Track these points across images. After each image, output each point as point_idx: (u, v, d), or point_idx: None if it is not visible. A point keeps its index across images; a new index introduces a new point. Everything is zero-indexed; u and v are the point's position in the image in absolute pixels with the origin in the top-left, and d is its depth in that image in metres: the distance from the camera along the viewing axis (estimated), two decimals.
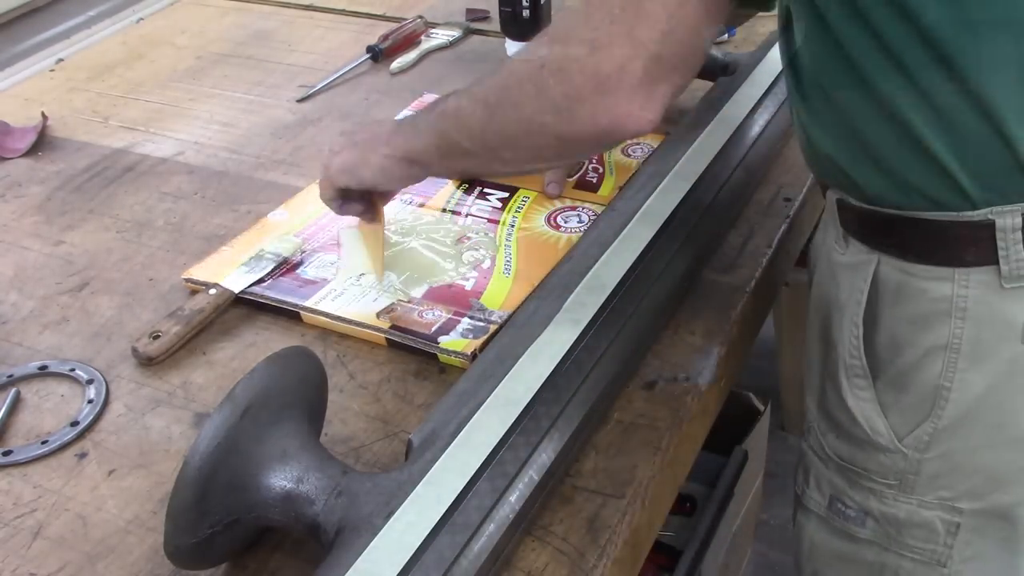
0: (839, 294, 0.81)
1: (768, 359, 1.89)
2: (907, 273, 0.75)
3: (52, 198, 1.14)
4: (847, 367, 0.81)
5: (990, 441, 0.77)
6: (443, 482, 0.67)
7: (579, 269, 0.88)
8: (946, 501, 0.80)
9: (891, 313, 0.77)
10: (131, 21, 1.60)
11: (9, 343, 0.92)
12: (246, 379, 0.66)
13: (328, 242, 1.00)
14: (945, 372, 0.75)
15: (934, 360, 0.75)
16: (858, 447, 0.82)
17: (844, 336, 0.80)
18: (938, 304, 0.74)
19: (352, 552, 0.63)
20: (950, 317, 0.74)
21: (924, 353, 0.76)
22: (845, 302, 0.80)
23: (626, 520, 0.71)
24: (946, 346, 0.74)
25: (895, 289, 0.76)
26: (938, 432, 0.77)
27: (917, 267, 0.74)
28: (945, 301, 0.73)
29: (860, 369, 0.80)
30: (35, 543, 0.73)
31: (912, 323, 0.76)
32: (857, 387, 0.80)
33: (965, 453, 0.78)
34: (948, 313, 0.74)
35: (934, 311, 0.74)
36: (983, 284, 0.72)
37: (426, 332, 0.87)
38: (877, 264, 0.77)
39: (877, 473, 0.82)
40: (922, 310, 0.75)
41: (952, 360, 0.75)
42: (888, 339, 0.78)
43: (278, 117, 1.29)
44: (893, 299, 0.77)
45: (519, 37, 1.36)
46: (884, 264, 0.76)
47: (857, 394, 0.80)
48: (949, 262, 0.73)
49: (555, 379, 0.77)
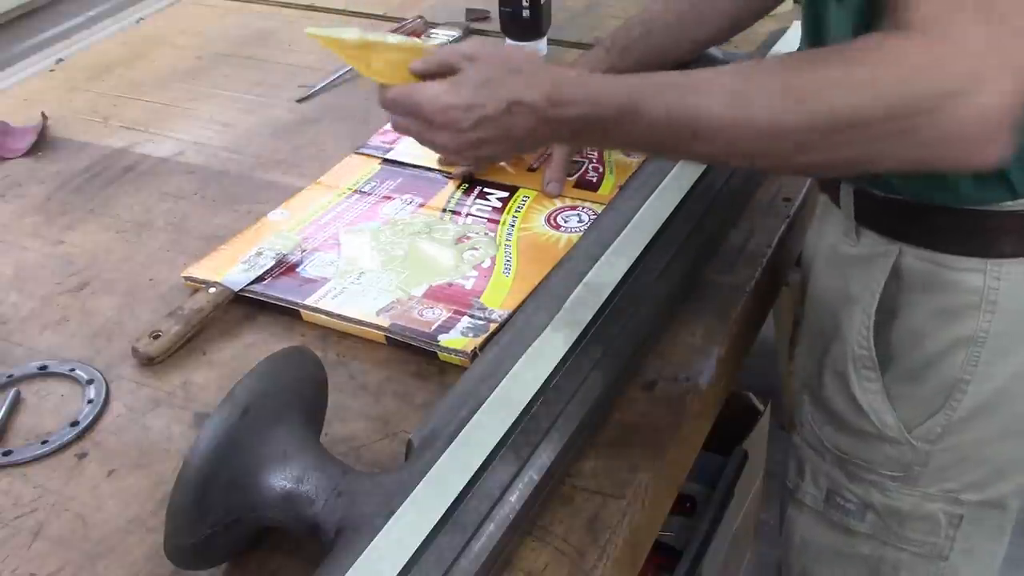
0: (848, 287, 0.80)
1: (768, 359, 1.89)
2: (935, 263, 0.73)
3: (52, 198, 1.14)
4: (855, 358, 0.80)
5: (1002, 433, 0.77)
6: (443, 482, 0.67)
7: (579, 269, 0.88)
8: (950, 493, 0.80)
9: (913, 305, 0.76)
10: (131, 21, 1.60)
11: (9, 343, 0.92)
12: (246, 379, 0.66)
13: (328, 240, 1.00)
14: (966, 365, 0.74)
15: (956, 352, 0.74)
16: (861, 439, 0.82)
17: (854, 328, 0.79)
18: (968, 296, 0.73)
19: (352, 552, 0.63)
20: (979, 310, 0.72)
21: (947, 345, 0.75)
22: (857, 294, 0.79)
23: (626, 520, 0.71)
24: (971, 339, 0.73)
25: (920, 280, 0.75)
26: (951, 424, 0.77)
27: (947, 257, 0.73)
28: (975, 293, 0.72)
29: (870, 361, 0.79)
30: (35, 543, 0.73)
31: (937, 315, 0.75)
32: (866, 379, 0.79)
33: (975, 445, 0.77)
34: (977, 306, 0.72)
35: (963, 303, 0.73)
36: (1017, 276, 0.71)
37: (426, 331, 0.87)
38: (899, 255, 0.75)
39: (881, 465, 0.81)
40: (950, 302, 0.74)
41: (975, 353, 0.74)
42: (906, 331, 0.77)
43: (278, 117, 1.29)
44: (917, 290, 0.75)
45: (519, 37, 1.36)
46: (908, 255, 0.75)
47: (865, 386, 0.80)
48: (983, 252, 0.71)
49: (555, 379, 0.77)
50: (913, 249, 0.75)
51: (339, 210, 1.06)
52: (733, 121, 0.62)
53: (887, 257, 0.76)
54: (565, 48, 1.40)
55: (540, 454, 0.71)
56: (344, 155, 1.16)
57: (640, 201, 0.96)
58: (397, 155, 1.15)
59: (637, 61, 1.04)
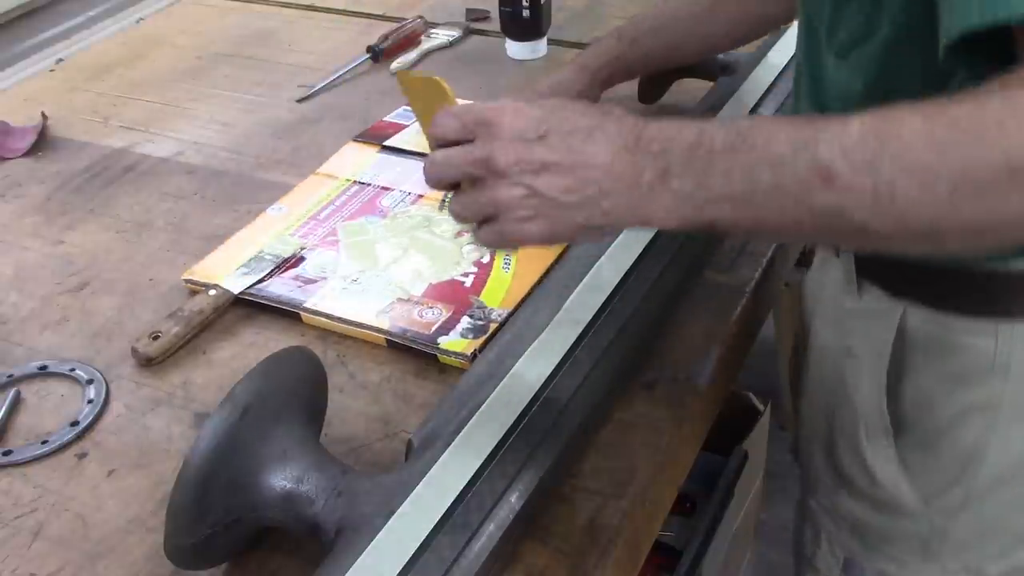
0: (852, 345, 0.74)
1: (768, 359, 1.89)
2: (942, 326, 0.68)
3: (52, 198, 1.14)
4: (867, 424, 0.74)
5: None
6: (443, 482, 0.67)
7: (579, 269, 0.88)
8: (971, 565, 0.74)
9: (921, 368, 0.70)
10: (131, 21, 1.60)
11: (9, 343, 0.92)
12: (246, 379, 0.66)
13: (327, 237, 1.00)
14: (983, 433, 0.68)
15: (971, 420, 0.69)
16: (876, 510, 0.76)
17: (862, 391, 0.73)
18: (979, 361, 0.67)
19: (352, 552, 0.63)
20: (991, 375, 0.67)
21: (959, 412, 0.69)
22: (862, 354, 0.73)
23: (626, 520, 0.71)
24: (985, 405, 0.68)
25: (926, 343, 0.69)
26: (971, 495, 0.71)
27: (955, 320, 0.67)
28: (987, 357, 0.66)
29: (882, 428, 0.73)
30: (35, 543, 0.73)
31: (947, 380, 0.69)
32: (879, 445, 0.74)
33: (996, 515, 0.72)
34: (989, 370, 0.67)
35: (974, 368, 0.67)
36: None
37: (426, 332, 0.87)
38: (903, 313, 0.69)
39: (899, 539, 0.75)
40: (959, 367, 0.68)
41: (991, 420, 0.68)
42: (917, 396, 0.71)
43: (278, 117, 1.29)
44: (924, 354, 0.69)
45: (519, 37, 1.36)
46: (913, 315, 0.69)
47: (878, 452, 0.74)
48: (993, 315, 0.66)
49: (555, 379, 0.77)
50: (918, 309, 0.69)
51: (338, 203, 1.06)
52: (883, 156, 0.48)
53: (892, 315, 0.70)
54: (565, 48, 1.40)
55: (540, 454, 0.71)
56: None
57: None
58: (395, 142, 1.16)
59: (645, 54, 1.03)
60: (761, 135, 0.52)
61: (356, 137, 1.18)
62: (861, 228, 0.50)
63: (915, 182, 0.48)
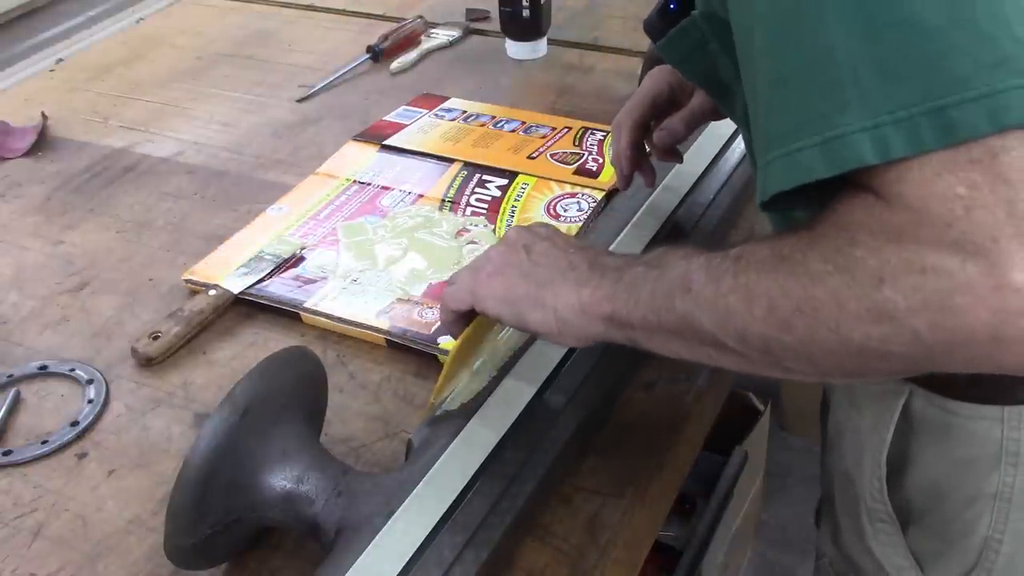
0: (860, 420, 0.71)
1: None
2: (947, 411, 0.65)
3: (52, 198, 1.14)
4: (869, 510, 0.72)
5: None
6: (443, 482, 0.67)
7: None
8: None
9: (928, 454, 0.68)
10: (131, 21, 1.60)
11: (9, 343, 0.92)
12: (246, 379, 0.66)
13: (327, 237, 1.00)
14: (995, 523, 0.66)
15: (982, 509, 0.66)
16: None
17: (864, 474, 0.71)
18: (986, 448, 0.65)
19: (352, 552, 0.63)
20: (1000, 463, 0.64)
21: (970, 501, 0.67)
22: (867, 432, 0.70)
23: (626, 520, 0.71)
24: (996, 494, 0.66)
25: (931, 428, 0.67)
26: None
27: (960, 405, 0.65)
28: (994, 444, 0.64)
29: (885, 515, 0.71)
30: (35, 543, 0.73)
31: (954, 468, 0.67)
32: (883, 532, 0.71)
33: None
34: (998, 458, 0.64)
35: (981, 455, 0.65)
36: None
37: (426, 333, 0.87)
38: (908, 396, 0.67)
39: None
40: (966, 454, 0.66)
41: (1003, 509, 0.66)
42: (925, 482, 0.68)
43: (278, 117, 1.29)
44: (929, 439, 0.67)
45: (519, 37, 1.36)
46: (917, 398, 0.66)
47: (883, 540, 0.72)
48: (998, 400, 0.63)
49: (555, 379, 0.77)
50: (922, 392, 0.66)
51: (338, 203, 1.06)
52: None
53: (896, 397, 0.68)
54: (565, 48, 1.40)
55: (540, 454, 0.71)
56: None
57: (640, 201, 0.96)
58: (395, 141, 1.16)
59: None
60: (670, 256, 0.59)
61: (356, 137, 1.18)
62: (713, 337, 0.54)
63: (741, 297, 0.52)
